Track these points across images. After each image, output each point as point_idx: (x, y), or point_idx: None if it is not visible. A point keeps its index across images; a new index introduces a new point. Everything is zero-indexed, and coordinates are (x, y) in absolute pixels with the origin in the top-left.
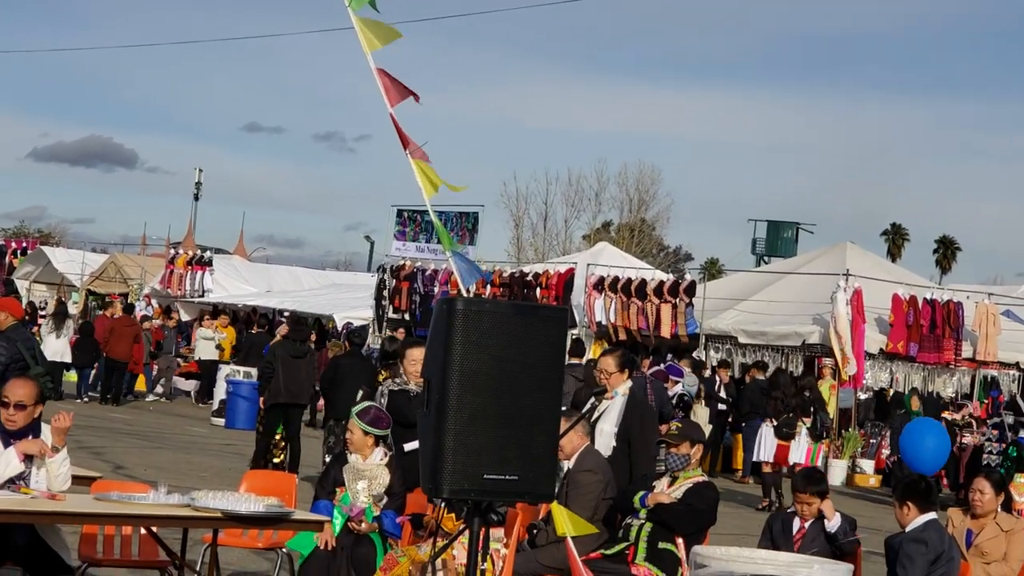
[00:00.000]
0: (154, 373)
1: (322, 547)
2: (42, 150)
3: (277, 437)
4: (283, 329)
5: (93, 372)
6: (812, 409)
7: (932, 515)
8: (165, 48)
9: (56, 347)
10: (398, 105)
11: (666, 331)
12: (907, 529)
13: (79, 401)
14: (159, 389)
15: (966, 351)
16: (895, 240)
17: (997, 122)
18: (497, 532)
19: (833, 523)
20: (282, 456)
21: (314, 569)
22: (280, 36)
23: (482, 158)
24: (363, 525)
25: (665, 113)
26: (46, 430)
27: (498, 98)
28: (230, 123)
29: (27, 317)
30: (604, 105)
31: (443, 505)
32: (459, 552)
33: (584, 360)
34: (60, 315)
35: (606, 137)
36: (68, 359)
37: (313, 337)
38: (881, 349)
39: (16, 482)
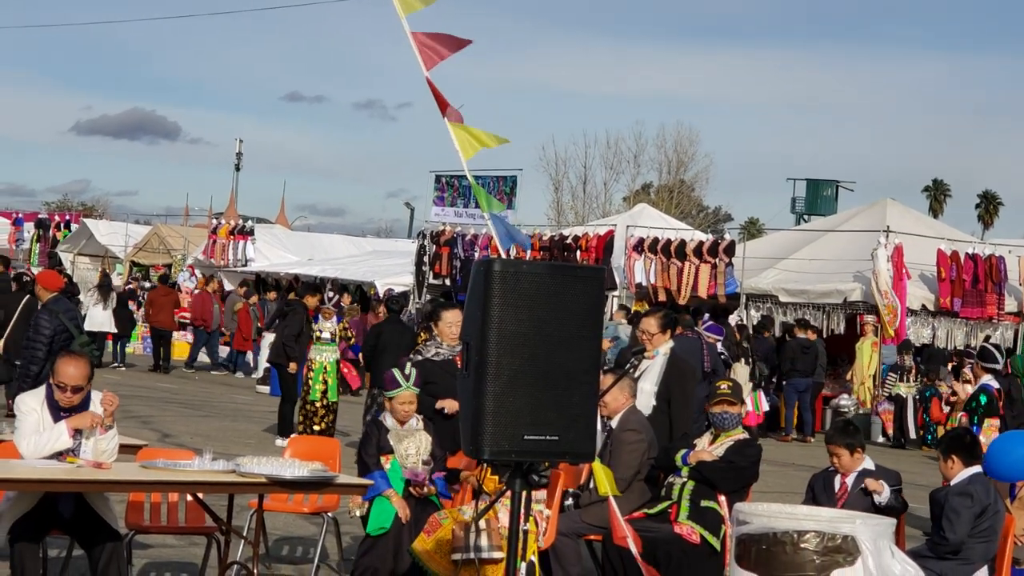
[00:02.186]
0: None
1: (405, 520)
2: (85, 123)
3: (317, 404)
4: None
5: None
6: (751, 360)
7: (977, 468)
8: (207, 20)
9: (101, 318)
10: (434, 68)
11: (703, 292)
12: (952, 483)
13: (117, 368)
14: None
15: (1009, 305)
16: (936, 196)
17: None
18: (539, 493)
19: (883, 496)
20: (323, 425)
21: (383, 540)
22: (321, 4)
23: (520, 122)
24: (425, 488)
25: (702, 74)
26: (95, 399)
27: (535, 62)
28: (271, 93)
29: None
30: (641, 67)
31: (486, 466)
32: (503, 514)
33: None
34: (104, 287)
35: (644, 99)
36: (113, 329)
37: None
38: (923, 305)
39: (63, 453)
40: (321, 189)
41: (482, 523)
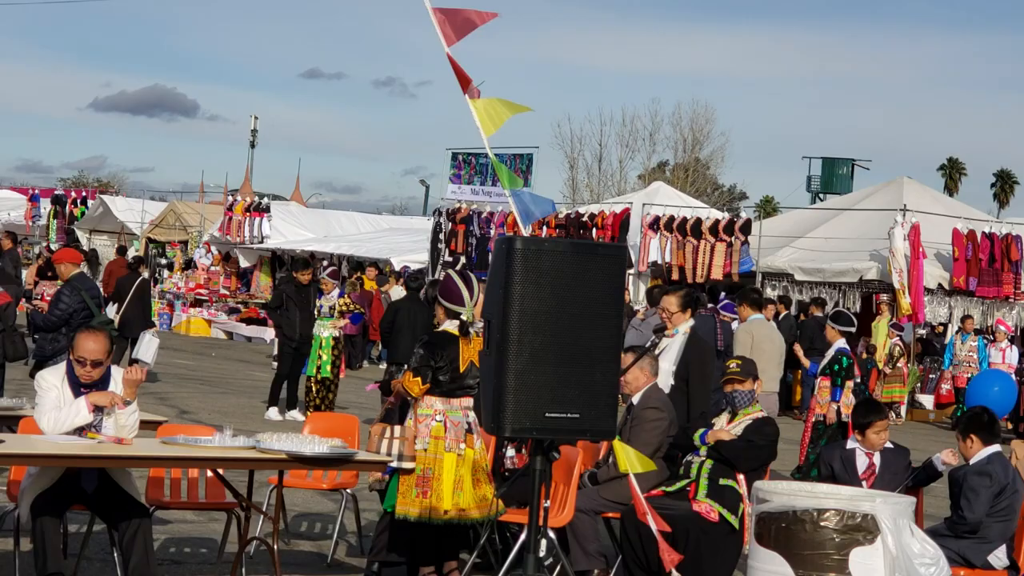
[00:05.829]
0: None
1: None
2: (103, 100)
3: (312, 380)
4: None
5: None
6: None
7: (996, 447)
8: None
9: None
10: (455, 45)
11: (718, 272)
12: (971, 462)
13: None
14: None
15: None
16: (952, 174)
17: None
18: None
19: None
20: (316, 401)
21: None
22: None
23: (536, 100)
24: None
25: (718, 52)
26: (116, 377)
27: (551, 40)
28: (290, 70)
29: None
30: (657, 45)
31: (406, 369)
32: (423, 427)
33: None
34: (92, 261)
35: (660, 77)
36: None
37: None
38: (940, 284)
39: (84, 428)
40: (337, 166)
41: (397, 431)
